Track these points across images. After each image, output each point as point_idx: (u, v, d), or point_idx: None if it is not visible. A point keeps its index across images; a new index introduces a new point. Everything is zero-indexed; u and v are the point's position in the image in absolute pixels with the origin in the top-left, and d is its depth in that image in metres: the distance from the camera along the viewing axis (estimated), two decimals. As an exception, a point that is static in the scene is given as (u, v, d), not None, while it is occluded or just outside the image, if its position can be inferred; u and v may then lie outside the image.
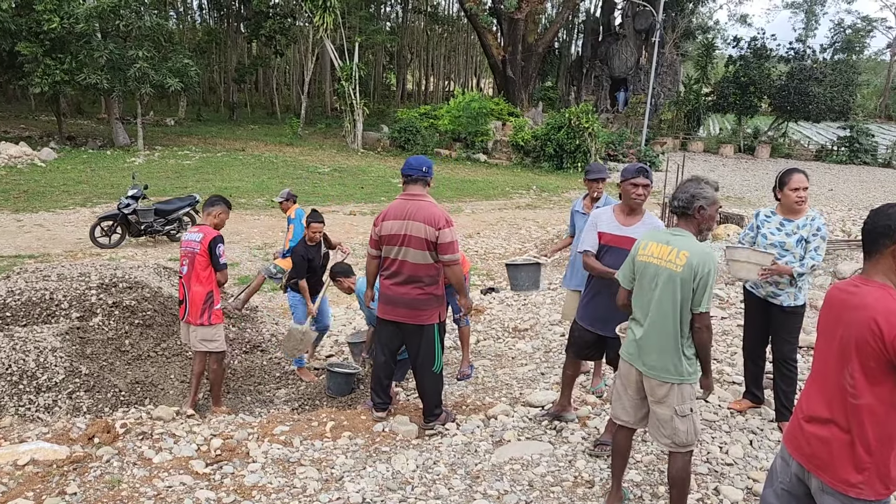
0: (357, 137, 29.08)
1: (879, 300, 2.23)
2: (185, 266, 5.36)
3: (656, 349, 3.24)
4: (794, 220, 4.46)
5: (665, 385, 3.23)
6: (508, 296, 8.97)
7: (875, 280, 2.31)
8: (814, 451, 2.43)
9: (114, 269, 7.42)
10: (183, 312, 5.37)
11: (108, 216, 11.71)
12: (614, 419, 3.56)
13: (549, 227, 15.26)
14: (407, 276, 4.43)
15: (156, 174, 19.06)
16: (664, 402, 3.25)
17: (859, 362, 2.27)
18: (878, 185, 27.03)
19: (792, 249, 4.41)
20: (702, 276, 3.12)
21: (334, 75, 34.00)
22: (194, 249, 5.29)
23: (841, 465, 2.33)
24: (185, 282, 5.32)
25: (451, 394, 5.67)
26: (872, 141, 36.40)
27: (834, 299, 2.44)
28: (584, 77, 41.09)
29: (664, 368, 3.23)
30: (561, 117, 27.18)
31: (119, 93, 22.83)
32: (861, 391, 2.27)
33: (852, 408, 2.30)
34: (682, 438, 3.26)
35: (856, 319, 2.28)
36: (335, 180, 20.47)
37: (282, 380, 6.77)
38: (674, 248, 3.20)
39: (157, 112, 35.73)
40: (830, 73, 36.03)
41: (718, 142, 38.47)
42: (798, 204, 4.41)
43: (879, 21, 53.55)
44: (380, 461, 4.10)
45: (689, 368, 3.24)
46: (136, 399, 5.77)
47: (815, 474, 2.42)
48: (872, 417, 2.26)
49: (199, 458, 4.03)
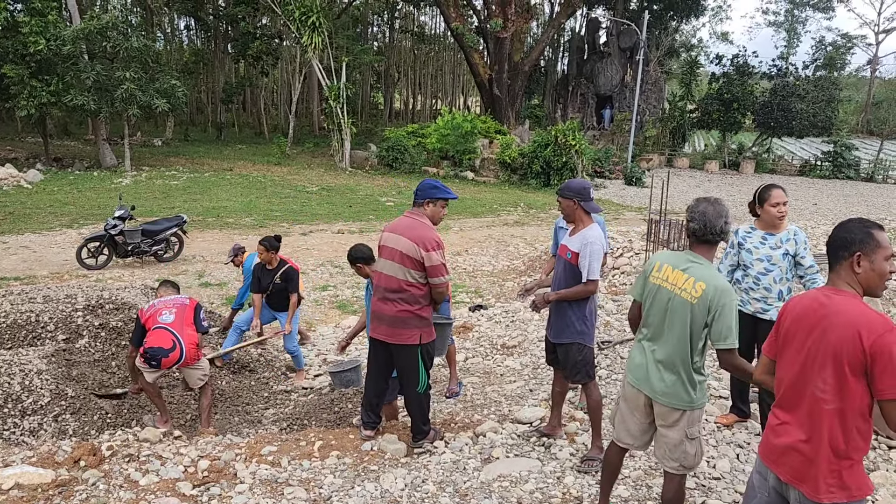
0: (345, 156, 29.15)
1: (856, 307, 2.33)
2: (168, 315, 5.40)
3: (670, 378, 3.16)
4: (776, 235, 4.49)
5: (677, 411, 3.17)
6: (496, 313, 9.00)
7: (843, 290, 2.41)
8: (789, 461, 2.47)
9: (100, 291, 7.40)
10: (176, 360, 5.32)
11: (95, 237, 11.66)
12: (617, 442, 3.50)
13: (536, 243, 15.32)
14: (386, 290, 4.44)
15: (143, 195, 19.02)
16: (675, 426, 3.19)
17: (835, 369, 2.33)
18: (861, 199, 27.34)
19: (779, 263, 4.44)
20: (717, 310, 3.00)
21: (322, 95, 34.09)
22: (183, 303, 5.57)
23: (817, 473, 2.38)
24: (173, 328, 5.34)
25: (440, 411, 5.67)
26: (855, 156, 36.88)
27: (805, 310, 2.50)
28: (570, 95, 41.44)
29: (675, 395, 3.16)
30: (547, 135, 27.38)
31: (106, 114, 22.81)
32: (833, 397, 2.34)
33: (825, 414, 2.36)
34: (691, 461, 3.22)
35: (834, 328, 2.35)
36: (323, 199, 20.49)
37: (270, 400, 6.75)
38: (690, 278, 3.08)
39: (145, 132, 35.68)
40: (813, 89, 36.55)
41: (704, 158, 38.86)
42: (779, 219, 4.46)
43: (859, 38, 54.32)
44: (368, 480, 4.09)
45: (698, 395, 3.17)
46: (123, 421, 5.73)
47: (793, 485, 2.46)
48: (843, 423, 2.33)
49: (186, 480, 4.00)
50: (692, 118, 39.46)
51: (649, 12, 37.13)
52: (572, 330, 4.30)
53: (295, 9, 28.04)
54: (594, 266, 4.15)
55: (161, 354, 5.24)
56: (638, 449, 3.49)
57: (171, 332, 5.30)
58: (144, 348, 5.27)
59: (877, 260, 2.36)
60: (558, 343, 4.40)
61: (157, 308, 5.46)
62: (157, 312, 5.41)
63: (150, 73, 23.41)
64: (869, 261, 2.36)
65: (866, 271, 2.37)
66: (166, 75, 24.18)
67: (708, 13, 49.17)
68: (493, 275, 12.69)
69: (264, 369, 7.37)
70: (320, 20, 27.72)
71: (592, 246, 4.14)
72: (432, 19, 58.00)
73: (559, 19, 39.70)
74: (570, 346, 4.32)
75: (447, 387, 6.25)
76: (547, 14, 48.48)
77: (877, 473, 4.05)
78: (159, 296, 5.80)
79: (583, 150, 26.88)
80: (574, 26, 47.29)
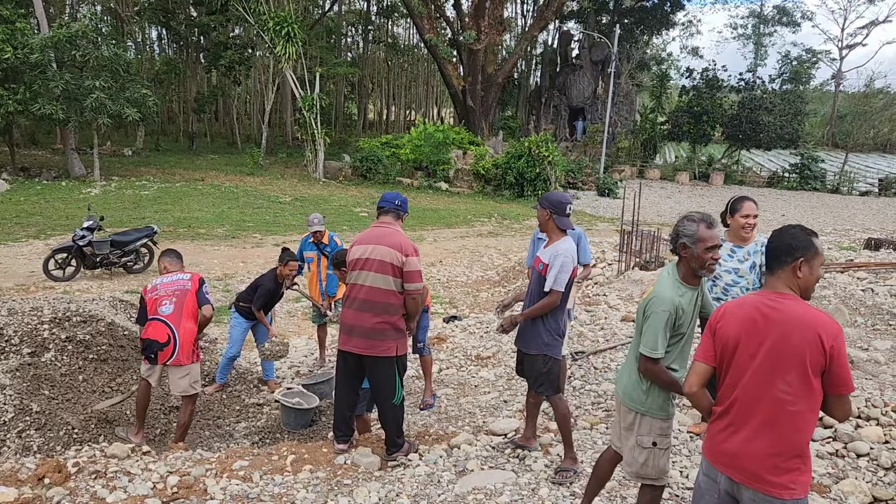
0: (319, 167, 29.04)
1: (809, 311, 2.45)
2: (167, 305, 5.25)
3: (632, 377, 3.26)
4: (744, 247, 4.55)
5: (631, 413, 3.24)
6: (471, 324, 8.99)
7: (786, 293, 2.52)
8: (744, 464, 2.52)
9: (68, 303, 7.24)
10: (169, 354, 5.19)
11: (63, 248, 11.45)
12: (612, 446, 3.55)
13: (510, 254, 15.37)
14: (364, 301, 4.39)
15: (112, 205, 18.73)
16: (630, 429, 3.26)
17: (799, 371, 2.41)
18: (826, 209, 27.88)
19: (746, 276, 4.51)
20: (647, 317, 3.09)
21: (295, 105, 33.98)
22: (185, 287, 5.37)
23: (773, 471, 2.46)
24: (171, 321, 5.20)
25: (414, 423, 5.64)
26: (821, 168, 37.66)
27: (750, 315, 2.56)
28: (543, 106, 41.78)
29: (629, 395, 3.25)
30: (521, 146, 27.55)
31: (75, 123, 22.45)
32: (797, 399, 2.43)
33: (787, 416, 2.44)
34: (640, 470, 3.22)
35: (795, 331, 2.42)
36: (296, 210, 20.36)
37: (241, 413, 6.65)
38: (652, 283, 3.25)
39: (115, 142, 35.18)
40: (780, 102, 37.33)
41: (674, 169, 39.40)
42: (745, 230, 4.53)
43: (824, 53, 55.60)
44: (341, 494, 4.04)
45: (646, 399, 3.19)
46: (90, 437, 5.60)
47: (749, 486, 2.51)
48: (804, 423, 2.45)
49: (155, 497, 3.92)
50: (663, 130, 40.04)
51: (620, 26, 37.67)
52: (539, 341, 4.32)
53: (269, 19, 27.94)
54: (561, 277, 4.18)
55: (157, 347, 5.16)
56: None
57: (167, 324, 5.18)
58: (141, 338, 5.21)
59: (815, 266, 2.51)
60: (527, 353, 4.42)
61: (158, 294, 5.30)
62: (159, 301, 5.26)
63: (120, 82, 23.08)
64: (809, 267, 2.50)
65: (805, 276, 2.51)
66: (137, 84, 23.87)
67: (678, 27, 50.08)
68: (468, 285, 12.69)
69: (236, 382, 7.26)
70: (294, 30, 27.65)
71: (562, 258, 4.19)
72: (406, 30, 58.21)
73: (532, 32, 40.07)
74: (536, 357, 4.34)
75: (421, 398, 6.23)
76: (520, 27, 48.93)
77: (846, 482, 4.09)
78: (163, 270, 5.58)
79: (556, 162, 27.08)
80: (547, 39, 47.80)
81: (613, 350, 6.88)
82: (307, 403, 6.11)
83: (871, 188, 37.36)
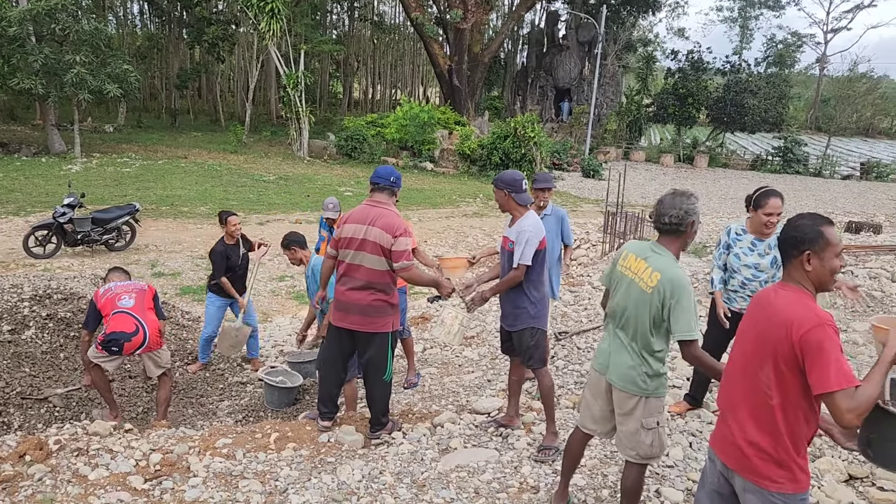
0: (303, 145, 28.81)
1: (791, 304, 2.38)
2: (128, 299, 5.25)
3: (625, 363, 3.22)
4: (765, 240, 4.44)
5: (633, 398, 3.21)
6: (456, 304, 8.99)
7: (791, 285, 2.46)
8: (735, 452, 2.54)
9: (48, 280, 7.18)
10: (139, 344, 5.19)
11: (43, 225, 11.32)
12: (581, 428, 3.54)
13: (495, 234, 15.37)
14: (362, 281, 4.38)
15: (94, 182, 18.51)
16: (631, 414, 3.23)
17: (773, 364, 2.40)
18: (809, 193, 28.11)
19: (767, 270, 4.42)
20: (671, 302, 3.01)
21: (280, 83, 33.60)
22: (143, 288, 5.44)
23: (761, 463, 2.45)
24: (135, 312, 5.20)
25: (398, 402, 5.66)
26: (804, 151, 37.92)
27: (755, 305, 2.58)
28: (529, 87, 41.63)
29: (632, 381, 3.20)
30: (507, 127, 27.47)
31: (55, 98, 22.05)
32: (775, 393, 2.40)
33: (771, 408, 2.42)
34: (647, 451, 3.25)
35: (772, 323, 2.42)
36: (280, 188, 20.22)
37: (225, 391, 6.64)
38: (648, 267, 3.12)
39: (96, 118, 34.67)
40: (764, 85, 37.43)
41: (659, 152, 39.49)
42: (767, 228, 4.40)
43: (809, 37, 55.73)
44: (325, 472, 4.05)
45: (655, 384, 3.20)
46: (72, 415, 5.58)
47: (739, 474, 2.53)
48: (786, 416, 2.40)
49: (137, 474, 3.91)
50: (648, 112, 40.06)
51: (607, 7, 37.46)
52: (526, 315, 4.36)
53: (253, -6, 27.54)
54: (527, 251, 4.22)
55: (123, 339, 5.10)
56: (601, 436, 3.53)
57: (133, 315, 5.16)
58: (105, 335, 5.11)
59: (826, 257, 2.39)
60: (514, 330, 4.44)
61: (115, 293, 5.28)
62: (116, 297, 5.24)
63: (101, 57, 22.69)
64: (819, 258, 2.39)
65: (816, 269, 2.40)
66: (118, 60, 23.45)
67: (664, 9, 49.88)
68: (452, 266, 12.68)
69: (219, 361, 7.25)
70: (279, 7, 27.27)
71: (527, 233, 4.22)
72: (392, 8, 57.60)
73: (519, 11, 39.82)
74: (524, 331, 4.39)
75: (405, 378, 6.24)
76: (507, 6, 48.56)
77: (822, 460, 4.17)
78: (111, 281, 5.63)
79: (541, 143, 27.04)
80: (533, 19, 47.52)
81: (597, 330, 6.92)
82: (291, 382, 6.11)
83: (852, 172, 37.71)
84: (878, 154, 45.55)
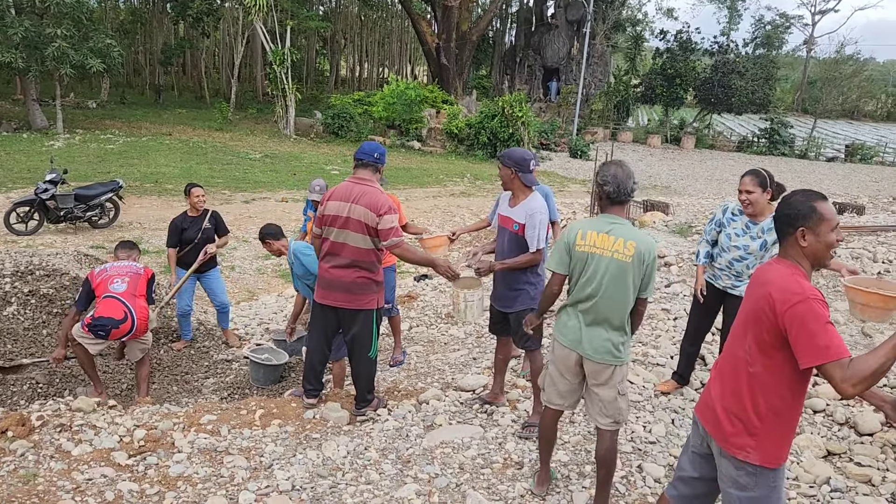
0: (289, 123, 28.57)
1: (780, 277, 2.40)
2: (120, 283, 5.17)
3: (603, 335, 3.28)
4: (759, 223, 4.39)
5: (609, 368, 3.30)
6: (441, 282, 9.01)
7: (785, 261, 2.48)
8: (712, 416, 2.60)
9: (30, 257, 7.11)
10: (126, 331, 5.12)
11: (25, 202, 11.18)
12: (548, 404, 3.58)
13: (482, 214, 15.34)
14: (347, 259, 4.37)
15: (77, 158, 18.28)
16: (608, 383, 3.32)
17: (754, 334, 2.44)
18: (794, 175, 28.27)
19: (755, 253, 4.40)
20: (648, 265, 3.20)
21: (266, 59, 33.25)
22: (137, 272, 5.35)
23: (735, 430, 2.50)
24: (125, 298, 5.12)
25: (384, 380, 5.67)
26: (790, 133, 38.06)
27: (752, 278, 2.62)
28: (518, 66, 41.42)
29: (609, 352, 3.28)
30: (494, 106, 27.37)
31: (36, 73, 21.65)
32: (755, 360, 2.44)
33: (748, 376, 2.47)
34: (624, 416, 3.40)
35: (758, 293, 2.45)
36: (266, 167, 20.07)
37: (210, 369, 6.62)
38: (619, 238, 3.20)
39: (78, 94, 34.17)
40: (752, 67, 37.45)
41: (646, 132, 39.50)
42: (744, 207, 4.38)
43: (797, 18, 55.59)
44: (310, 448, 4.07)
45: (625, 351, 3.33)
46: (55, 391, 5.56)
47: (714, 439, 2.59)
48: (763, 387, 2.43)
49: (121, 450, 3.90)
50: (636, 93, 40.00)
51: (596, -15, 37.25)
52: (526, 296, 4.31)
53: (237, -32, 27.14)
54: (541, 235, 4.18)
55: (111, 325, 5.03)
56: (568, 409, 3.57)
57: (122, 302, 5.09)
58: (92, 317, 5.05)
59: (822, 232, 2.40)
60: (510, 311, 4.38)
61: (109, 274, 5.22)
62: (109, 279, 5.18)
63: (83, 31, 22.27)
64: (814, 234, 2.40)
65: (812, 244, 2.41)
66: (101, 34, 23.05)
67: (654, -12, 49.57)
68: (439, 245, 12.67)
69: (204, 338, 7.22)
70: (264, -19, 26.90)
71: (538, 216, 4.15)
72: (380, -15, 56.97)
73: (508, -11, 39.50)
74: (523, 312, 4.32)
75: (391, 355, 6.25)
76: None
77: (802, 436, 4.22)
78: (116, 259, 5.55)
79: (529, 122, 26.97)
80: (523, -3, 47.09)
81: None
82: (277, 360, 6.11)
83: (837, 154, 37.93)
84: (862, 136, 45.80)
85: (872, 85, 57.13)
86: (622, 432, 4.22)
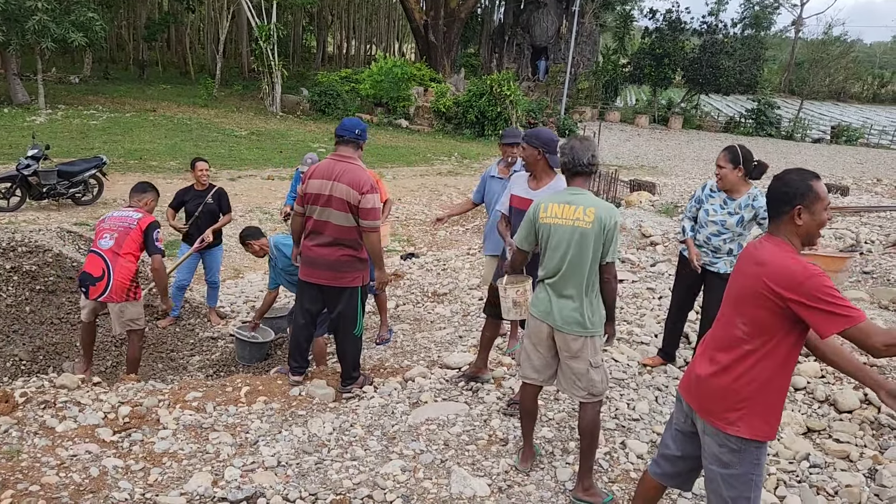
0: (276, 100, 28.32)
1: (775, 255, 2.41)
2: (107, 239, 5.01)
3: (570, 305, 3.33)
4: (736, 199, 4.49)
5: (579, 339, 3.34)
6: (428, 261, 9.02)
7: (775, 238, 2.50)
8: (699, 392, 2.62)
9: (12, 233, 7.04)
10: (101, 290, 4.96)
11: (6, 177, 11.02)
12: (524, 379, 3.62)
13: (469, 193, 15.28)
14: (330, 238, 4.36)
15: (59, 134, 18.04)
16: (579, 355, 3.36)
17: (751, 311, 2.45)
18: (780, 155, 28.41)
19: (732, 228, 4.49)
20: (609, 230, 3.25)
21: (251, 35, 32.82)
22: (129, 225, 5.09)
23: (721, 405, 2.52)
24: (107, 256, 4.95)
25: (370, 358, 5.68)
26: (777, 114, 38.18)
27: (741, 256, 2.63)
28: (506, 45, 41.17)
29: (578, 322, 3.32)
30: (483, 84, 27.23)
31: (16, 46, 21.23)
32: (751, 339, 2.45)
33: (741, 353, 2.48)
34: (599, 388, 3.40)
35: (753, 272, 2.46)
36: (252, 144, 19.91)
37: (196, 346, 6.61)
38: (579, 207, 3.30)
39: (60, 69, 33.65)
40: (740, 47, 37.42)
41: (634, 112, 39.51)
42: (717, 180, 4.53)
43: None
44: (296, 425, 4.08)
45: (597, 320, 3.37)
46: (39, 368, 5.53)
47: (698, 414, 2.61)
48: (756, 362, 2.45)
49: (105, 427, 3.90)
50: (625, 72, 39.90)
51: (586, -37, 37.01)
52: None
53: (222, -58, 26.70)
54: None
55: (88, 281, 4.95)
56: (544, 384, 3.60)
57: (103, 258, 4.95)
58: (80, 272, 5.02)
59: (817, 211, 2.43)
60: None
61: (102, 228, 5.09)
62: (100, 233, 5.05)
63: (64, 4, 21.85)
64: (809, 213, 2.42)
65: (807, 223, 2.43)
66: (83, 7, 22.58)
67: (643, -33, 49.26)
68: (426, 224, 12.67)
69: (190, 315, 7.20)
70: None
71: None
72: (367, -40, 56.27)
73: (497, -34, 39.12)
74: None
75: (377, 333, 6.26)
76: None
77: (783, 414, 4.27)
78: (129, 205, 5.39)
79: (517, 101, 26.87)
80: (511, -26, 46.67)
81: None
82: (262, 337, 6.10)
83: (823, 136, 38.15)
84: (848, 118, 46.07)
85: (859, 66, 57.33)
86: (606, 409, 4.26)
